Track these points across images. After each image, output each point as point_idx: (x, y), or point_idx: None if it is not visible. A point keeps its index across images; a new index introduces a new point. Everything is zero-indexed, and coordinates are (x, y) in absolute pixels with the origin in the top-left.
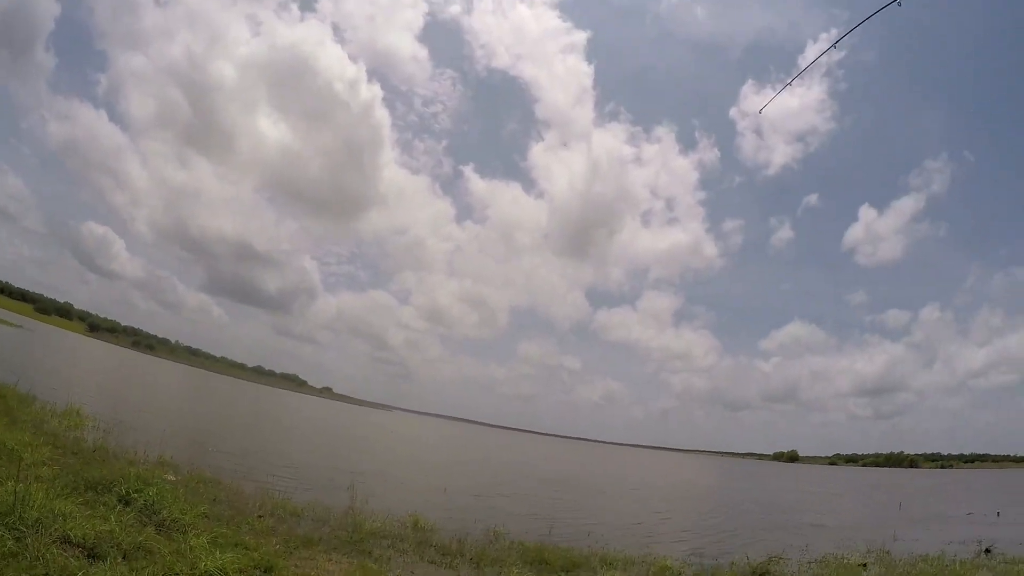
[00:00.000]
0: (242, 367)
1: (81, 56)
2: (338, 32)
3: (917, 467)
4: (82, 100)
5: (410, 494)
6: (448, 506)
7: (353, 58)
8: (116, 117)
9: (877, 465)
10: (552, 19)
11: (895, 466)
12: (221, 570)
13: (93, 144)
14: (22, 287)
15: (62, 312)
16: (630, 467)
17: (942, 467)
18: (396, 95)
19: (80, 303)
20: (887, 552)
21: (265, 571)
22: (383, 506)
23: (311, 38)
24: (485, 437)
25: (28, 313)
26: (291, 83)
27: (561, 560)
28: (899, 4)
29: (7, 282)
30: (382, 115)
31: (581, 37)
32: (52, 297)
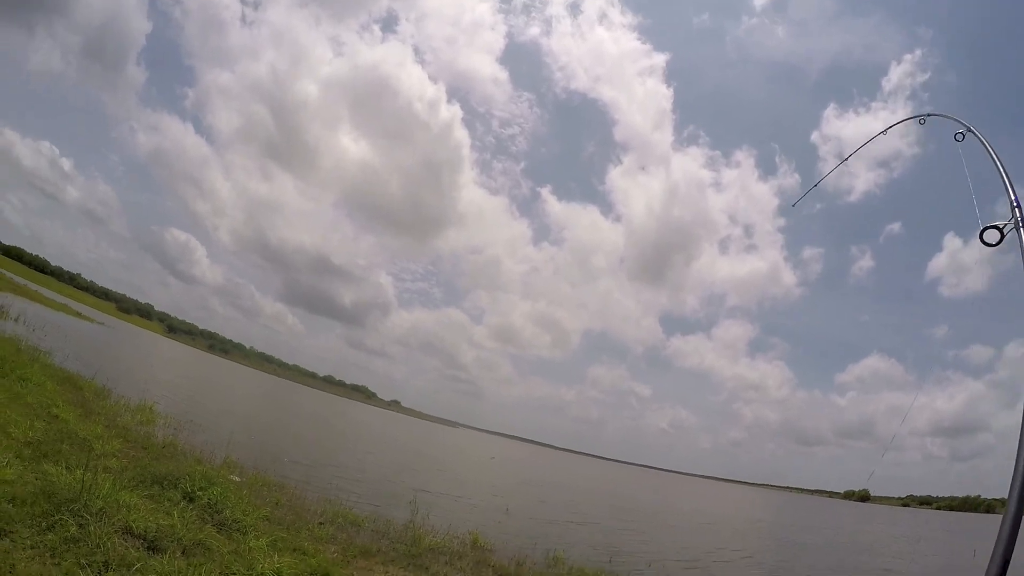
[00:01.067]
0: (313, 376)
1: (170, 71)
2: (419, 53)
3: (994, 512)
4: (170, 113)
5: (472, 512)
6: (509, 527)
7: (433, 79)
8: (202, 130)
9: (951, 509)
10: (631, 41)
11: (971, 510)
12: (277, 573)
13: (179, 155)
14: (106, 286)
15: (143, 312)
16: (695, 497)
17: None
18: (475, 116)
19: (160, 305)
20: None
21: None
22: (443, 522)
23: (392, 58)
24: (550, 459)
25: (110, 311)
26: (372, 102)
27: None
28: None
29: (92, 281)
30: (461, 135)
31: (660, 59)
32: (134, 297)
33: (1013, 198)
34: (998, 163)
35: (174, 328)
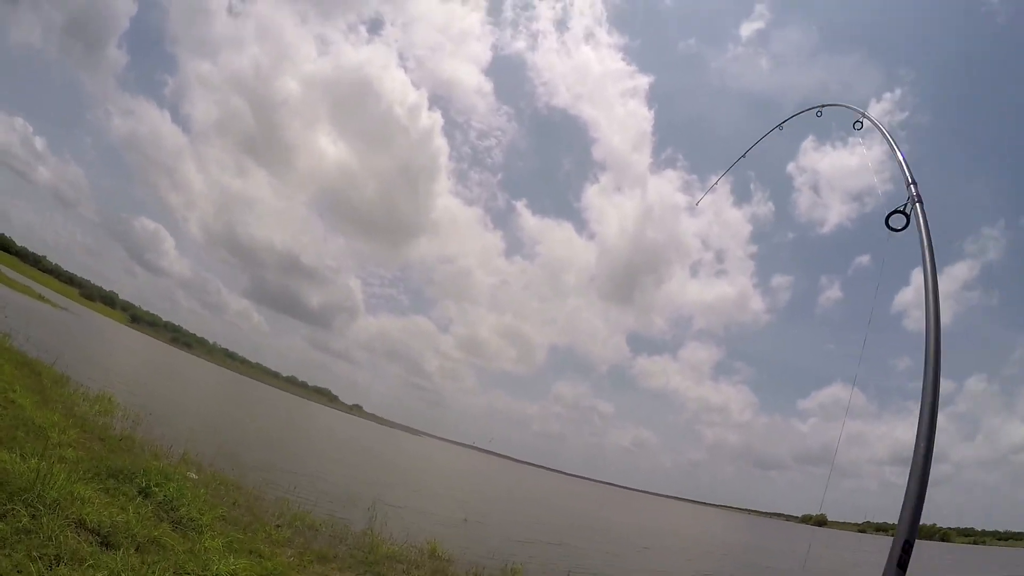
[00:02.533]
0: (276, 375)
1: (152, 57)
2: (403, 58)
3: (948, 541)
4: (148, 99)
5: (430, 521)
6: (467, 537)
7: (416, 84)
8: (179, 119)
9: None
10: (615, 61)
11: (926, 538)
12: (233, 575)
13: (154, 142)
14: (71, 271)
15: (106, 300)
16: (653, 516)
17: (974, 543)
18: (455, 125)
19: (125, 294)
20: None
21: None
22: (402, 529)
23: (376, 61)
24: (510, 472)
25: (73, 297)
26: (353, 103)
27: None
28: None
29: (57, 264)
30: (440, 143)
31: (644, 81)
32: (98, 284)
33: (908, 176)
34: (894, 146)
35: (137, 318)
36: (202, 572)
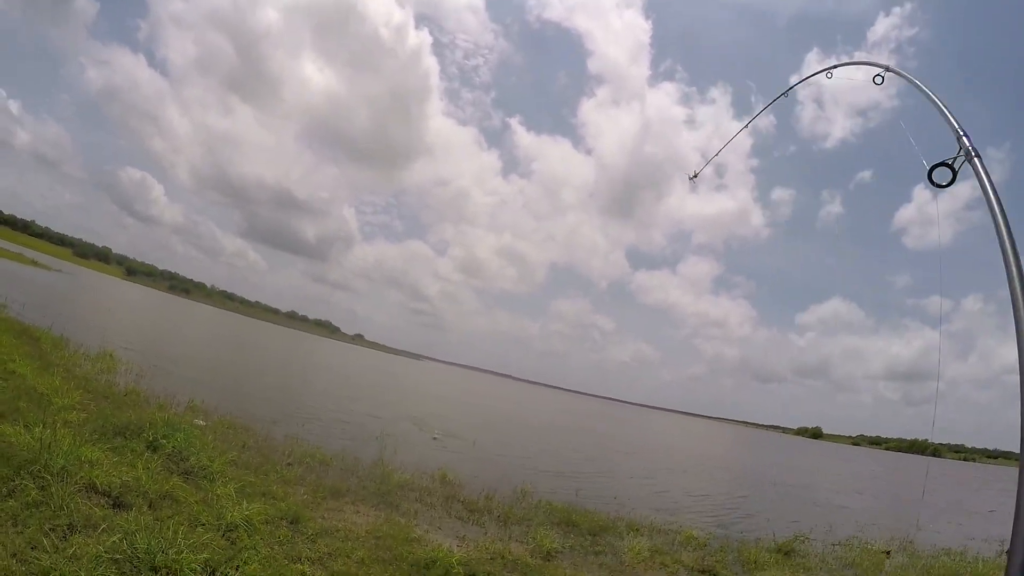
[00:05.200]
0: (276, 312)
1: (121, 2)
2: None
3: (939, 456)
4: (121, 46)
5: (439, 447)
6: (477, 460)
7: (401, 3)
8: (156, 63)
9: (900, 450)
10: None
11: (918, 453)
12: (247, 521)
13: (132, 90)
14: (62, 232)
15: (100, 256)
16: (655, 431)
17: (964, 459)
18: (444, 43)
19: (119, 247)
20: (910, 542)
21: (292, 522)
22: (412, 458)
23: None
24: (513, 391)
25: (66, 257)
26: (337, 27)
27: (588, 523)
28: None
29: (47, 227)
30: (430, 63)
31: None
32: (91, 241)
33: (957, 127)
34: (930, 94)
35: (133, 270)
36: (216, 521)
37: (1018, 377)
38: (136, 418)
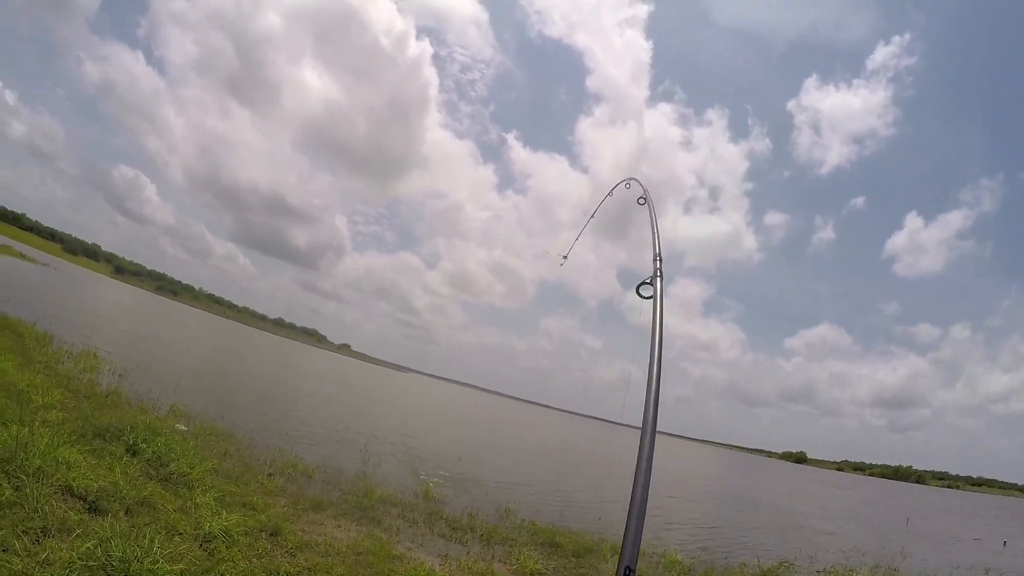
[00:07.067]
0: (263, 318)
1: None
2: None
3: (924, 483)
4: (120, 42)
5: (423, 462)
6: (461, 477)
7: (403, 12)
8: (154, 61)
9: (884, 476)
10: None
11: (902, 479)
12: (226, 532)
13: (130, 87)
14: (52, 226)
15: (89, 253)
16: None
17: (948, 487)
18: (445, 55)
19: (109, 245)
20: (895, 570)
21: (272, 534)
22: (395, 472)
23: None
24: (499, 407)
25: (56, 252)
26: (338, 35)
27: (572, 544)
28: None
29: (37, 221)
30: (430, 74)
31: (643, 10)
32: (81, 238)
33: (658, 251)
34: (652, 214)
35: (122, 269)
36: (195, 531)
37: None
38: (117, 420)
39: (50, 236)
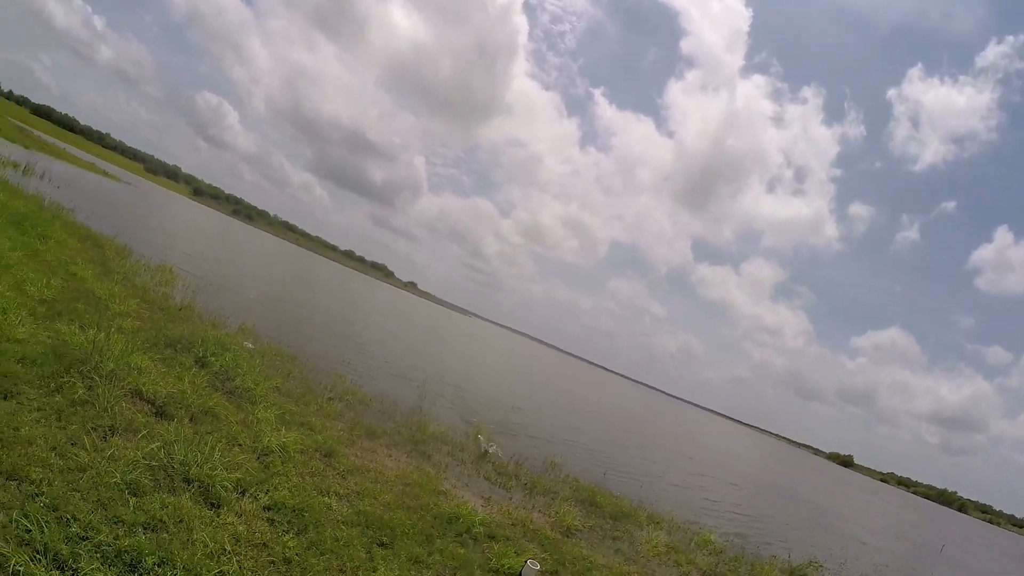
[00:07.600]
0: (334, 249)
1: None
2: None
3: (965, 512)
4: None
5: (479, 405)
6: (514, 425)
7: None
8: None
9: (927, 497)
10: None
11: (944, 504)
12: (283, 448)
13: (217, 17)
14: (135, 147)
15: (170, 174)
16: (691, 427)
17: (990, 521)
18: (536, 3)
19: (189, 168)
20: None
21: (326, 455)
22: (449, 413)
23: None
24: (558, 363)
25: (138, 172)
26: None
27: (611, 506)
28: None
29: (121, 140)
30: (520, 21)
31: None
32: (163, 160)
33: None
34: None
35: (200, 191)
36: (253, 443)
37: None
38: (188, 333)
39: (133, 156)
